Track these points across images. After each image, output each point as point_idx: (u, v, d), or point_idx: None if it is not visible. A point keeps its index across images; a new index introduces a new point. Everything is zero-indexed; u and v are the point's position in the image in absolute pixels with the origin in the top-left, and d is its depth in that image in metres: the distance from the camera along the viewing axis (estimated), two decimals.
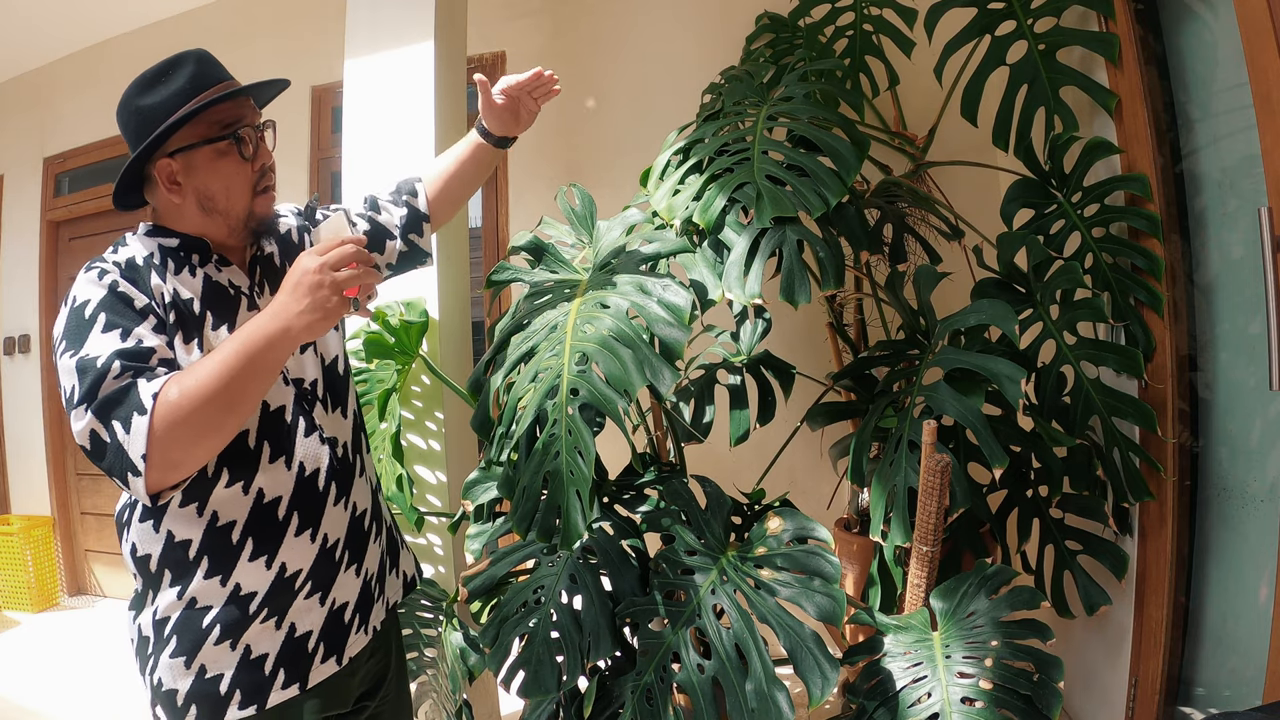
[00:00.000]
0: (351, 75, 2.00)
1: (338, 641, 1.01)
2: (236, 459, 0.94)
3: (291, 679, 0.96)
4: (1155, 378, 1.43)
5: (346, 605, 1.03)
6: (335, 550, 1.02)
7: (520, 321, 1.25)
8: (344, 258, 0.84)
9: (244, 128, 0.97)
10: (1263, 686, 1.15)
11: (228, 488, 0.94)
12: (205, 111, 0.95)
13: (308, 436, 1.01)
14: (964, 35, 1.68)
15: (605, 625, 1.18)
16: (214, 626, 0.93)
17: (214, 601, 0.94)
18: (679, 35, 2.56)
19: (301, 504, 0.99)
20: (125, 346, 0.83)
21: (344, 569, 1.03)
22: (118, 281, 0.89)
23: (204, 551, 0.93)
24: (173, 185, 0.96)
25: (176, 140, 0.95)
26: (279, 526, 0.97)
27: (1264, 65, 1.09)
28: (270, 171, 1.02)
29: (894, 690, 1.07)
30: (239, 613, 0.94)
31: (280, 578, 0.96)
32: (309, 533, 0.99)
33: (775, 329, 1.75)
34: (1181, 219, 1.48)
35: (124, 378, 0.81)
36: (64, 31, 3.34)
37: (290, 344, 0.83)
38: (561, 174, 2.68)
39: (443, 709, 1.55)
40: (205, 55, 0.99)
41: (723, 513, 1.25)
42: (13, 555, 3.41)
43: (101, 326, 0.84)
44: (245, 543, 0.95)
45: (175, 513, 0.93)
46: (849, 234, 1.35)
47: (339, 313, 0.84)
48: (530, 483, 1.11)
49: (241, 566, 0.94)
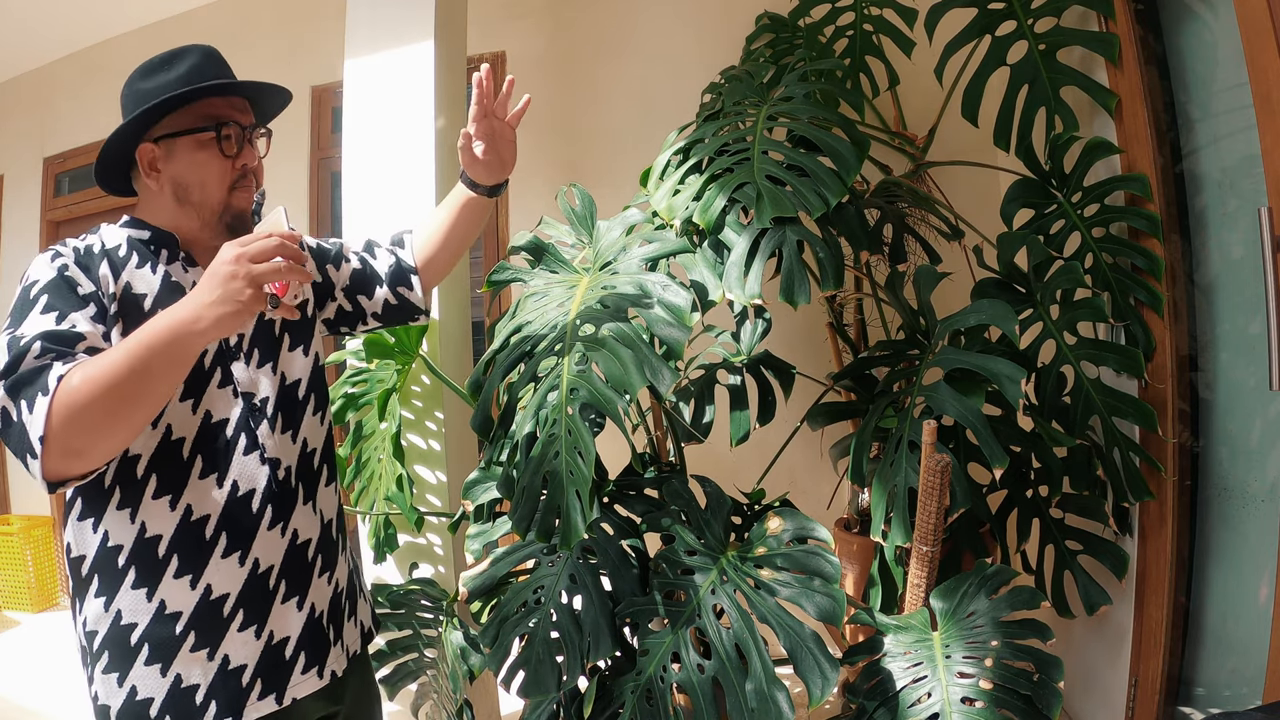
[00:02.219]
0: (351, 75, 2.00)
1: (277, 679, 0.96)
2: (166, 468, 0.91)
3: (224, 712, 0.92)
4: (1155, 378, 1.43)
5: (287, 640, 0.98)
6: (268, 578, 0.97)
7: (520, 321, 1.25)
8: (265, 250, 0.78)
9: (230, 125, 0.96)
10: (1263, 686, 1.15)
11: (155, 499, 0.91)
12: (195, 103, 0.94)
13: (246, 455, 0.96)
14: (964, 35, 1.68)
15: (605, 625, 1.18)
16: (142, 645, 0.90)
17: (139, 619, 0.90)
18: (679, 35, 2.56)
19: (231, 525, 0.94)
20: (53, 329, 0.82)
21: (280, 599, 0.98)
22: (67, 265, 0.88)
23: (132, 561, 0.90)
24: (152, 170, 0.95)
25: (163, 126, 0.95)
26: (206, 546, 0.93)
27: (1264, 65, 1.09)
28: (251, 175, 1.00)
29: (894, 690, 1.07)
30: (166, 633, 0.90)
31: (206, 599, 0.92)
32: (237, 555, 0.94)
33: (775, 329, 1.75)
34: (1181, 219, 1.48)
35: (43, 359, 0.79)
36: (64, 31, 3.34)
37: (198, 336, 0.77)
38: (561, 174, 2.68)
39: (443, 709, 1.55)
40: (212, 51, 0.99)
41: (723, 513, 1.25)
42: (13, 555, 3.41)
43: (41, 308, 0.84)
44: (170, 558, 0.91)
45: (113, 514, 0.90)
46: (849, 234, 1.35)
47: (253, 307, 0.78)
48: (530, 483, 1.11)
49: (166, 582, 0.91)
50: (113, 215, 1.01)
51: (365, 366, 1.84)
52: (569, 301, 1.23)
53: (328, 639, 1.03)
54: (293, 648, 0.98)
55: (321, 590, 1.03)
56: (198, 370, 0.95)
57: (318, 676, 1.01)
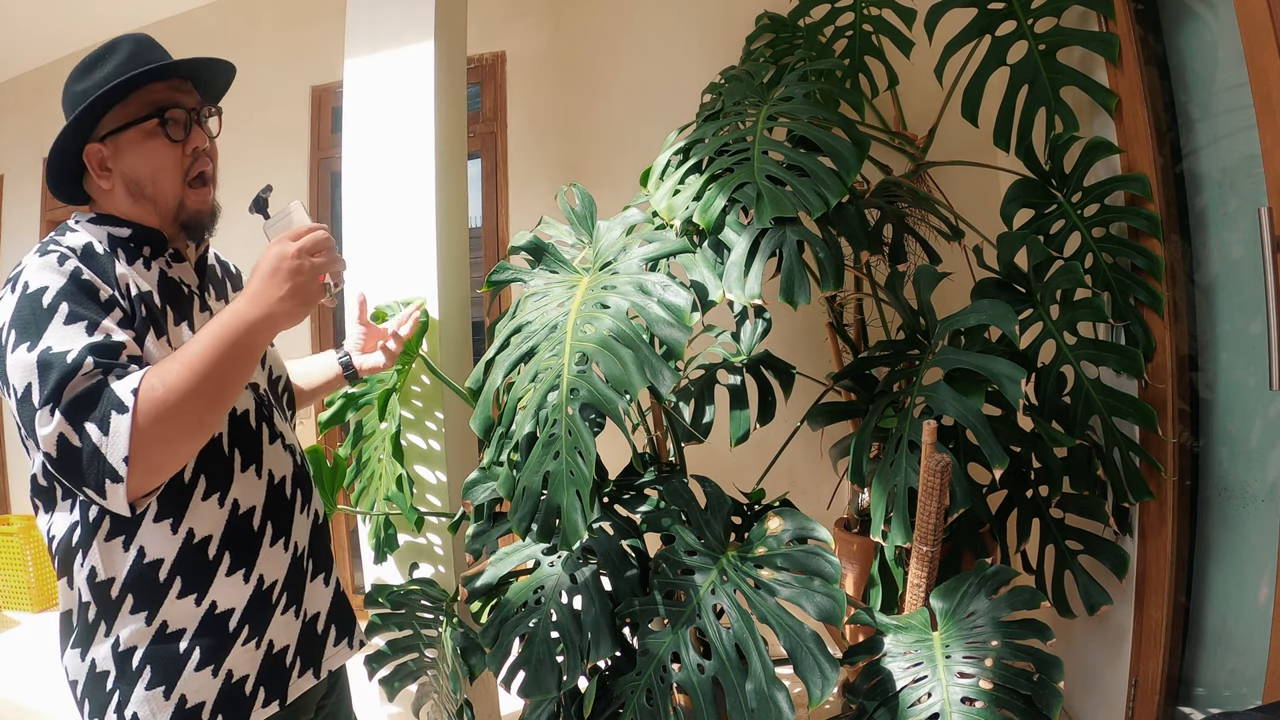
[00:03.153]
0: (351, 75, 2.00)
1: (314, 654, 1.00)
2: (212, 466, 0.90)
3: (271, 697, 0.94)
4: (1155, 378, 1.43)
5: (319, 615, 1.02)
6: (304, 559, 1.00)
7: (520, 321, 1.25)
8: (318, 243, 0.83)
9: (173, 109, 0.92)
10: (1263, 686, 1.15)
11: (204, 500, 0.89)
12: (135, 93, 0.90)
13: (272, 443, 0.98)
14: (964, 35, 1.68)
15: (605, 625, 1.18)
16: (192, 651, 0.88)
17: (188, 624, 0.88)
18: (679, 35, 2.56)
19: (273, 513, 0.96)
20: (95, 340, 0.77)
21: (309, 577, 1.02)
22: (80, 269, 0.82)
23: (177, 571, 0.87)
24: (102, 171, 0.91)
25: (106, 123, 0.90)
26: (255, 537, 0.93)
27: (1264, 65, 1.09)
28: (204, 157, 0.95)
29: (894, 690, 1.07)
30: (218, 634, 0.90)
31: (259, 591, 0.93)
32: (282, 542, 0.96)
33: (775, 329, 1.75)
34: (1181, 219, 1.48)
35: (94, 375, 0.74)
36: (64, 31, 3.34)
37: (272, 331, 0.81)
38: (561, 174, 2.68)
39: (443, 709, 1.55)
40: (143, 38, 0.95)
41: (723, 513, 1.25)
42: (13, 555, 3.41)
43: (64, 318, 0.77)
44: (221, 558, 0.90)
45: (150, 527, 0.86)
46: (849, 234, 1.34)
47: (318, 298, 0.83)
48: (530, 483, 1.11)
49: (219, 583, 0.90)
50: None
51: None
52: (569, 301, 1.23)
53: (350, 610, 1.09)
54: (324, 622, 1.03)
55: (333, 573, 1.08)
56: None
57: (348, 646, 1.08)
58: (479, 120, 2.78)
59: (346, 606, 1.08)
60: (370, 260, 1.96)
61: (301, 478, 1.03)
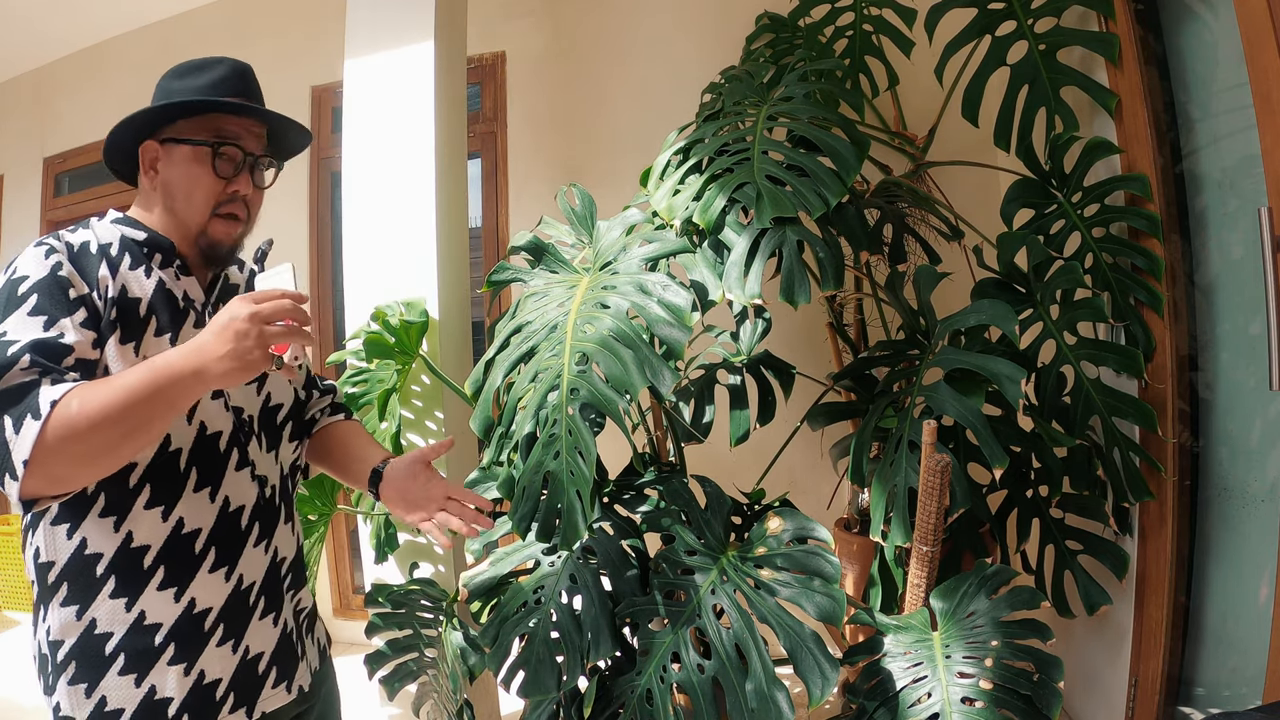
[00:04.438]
0: (351, 75, 2.00)
1: (249, 692, 0.96)
2: (162, 479, 0.90)
3: None
4: (1155, 378, 1.43)
5: (261, 655, 0.98)
6: (250, 593, 0.97)
7: (520, 321, 1.25)
8: (279, 311, 0.79)
9: (231, 146, 0.95)
10: (1263, 686, 1.15)
11: (147, 509, 0.89)
12: (208, 115, 0.94)
13: (239, 470, 0.96)
14: (964, 35, 1.68)
15: (605, 625, 1.18)
16: (118, 655, 0.88)
17: (116, 628, 0.88)
18: (679, 35, 2.56)
19: (220, 540, 0.94)
20: (43, 337, 0.79)
21: (259, 615, 0.98)
22: (61, 264, 0.85)
23: (112, 570, 0.88)
24: (150, 169, 0.95)
25: (172, 130, 0.94)
26: (194, 559, 0.91)
27: (1264, 65, 1.09)
28: (240, 202, 0.97)
29: (894, 690, 1.07)
30: (145, 645, 0.88)
31: (189, 613, 0.91)
32: (224, 570, 0.94)
33: (775, 329, 1.75)
34: (1181, 219, 1.48)
35: (30, 372, 0.77)
36: (64, 31, 3.34)
37: (201, 387, 0.78)
38: (561, 174, 2.68)
39: (443, 709, 1.55)
40: (245, 69, 0.98)
41: (723, 513, 1.25)
42: (13, 555, 3.40)
43: (29, 309, 0.81)
44: (156, 570, 0.89)
45: (94, 520, 0.87)
46: (849, 234, 1.35)
47: (260, 367, 0.78)
48: (530, 483, 1.11)
49: (149, 593, 0.89)
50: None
51: (365, 366, 1.84)
52: (569, 301, 1.23)
53: (297, 654, 1.03)
54: (266, 662, 0.98)
55: (290, 608, 1.04)
56: None
57: (286, 691, 1.01)
58: (479, 120, 2.78)
59: (293, 649, 1.03)
60: (370, 260, 1.97)
61: (266, 511, 0.99)
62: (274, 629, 1.00)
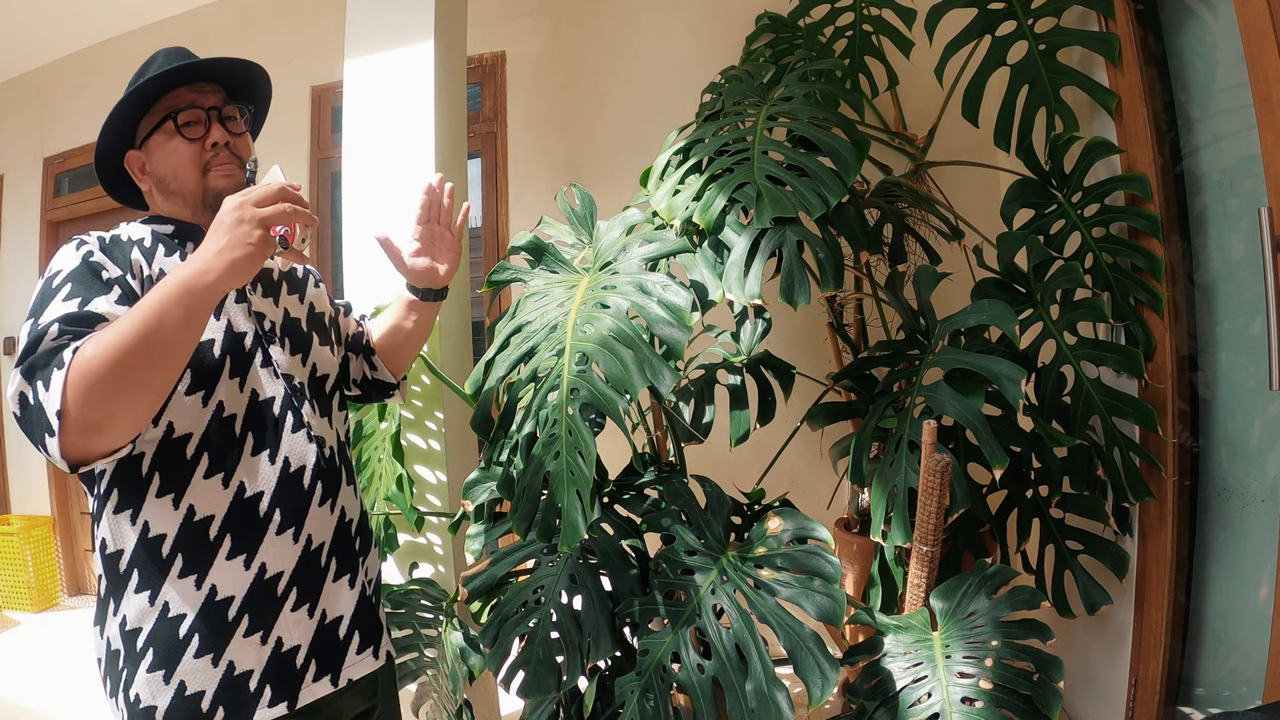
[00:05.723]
0: (351, 75, 1.99)
1: (332, 658, 0.95)
2: (216, 446, 0.89)
3: (279, 697, 0.90)
4: (1155, 378, 1.43)
5: (340, 620, 0.97)
6: (320, 554, 0.96)
7: (520, 321, 1.25)
8: (268, 195, 0.78)
9: (186, 109, 0.96)
10: (1263, 686, 1.15)
11: (206, 478, 0.89)
12: (160, 101, 0.97)
13: (295, 432, 0.96)
14: (964, 36, 1.68)
15: (605, 625, 1.18)
16: (191, 637, 0.87)
17: (188, 609, 0.87)
18: (679, 35, 2.56)
19: (284, 501, 0.93)
20: (72, 312, 0.80)
21: (331, 578, 0.97)
22: (92, 252, 0.87)
23: (178, 548, 0.87)
24: (142, 175, 1.00)
25: (140, 131, 0.98)
26: (260, 523, 0.91)
27: (1264, 65, 1.09)
28: (225, 151, 0.97)
29: (894, 690, 1.07)
30: (218, 621, 0.88)
31: (260, 580, 0.90)
32: (291, 532, 0.93)
33: (775, 329, 1.75)
34: (1181, 219, 1.48)
35: (61, 340, 0.77)
36: (63, 31, 3.34)
37: (209, 288, 0.76)
38: (561, 174, 2.68)
39: (443, 709, 1.55)
40: (174, 50, 1.00)
41: (723, 513, 1.25)
42: (13, 555, 3.41)
43: (64, 295, 0.82)
44: (223, 540, 0.89)
45: (153, 502, 0.87)
46: (849, 234, 1.34)
47: (264, 249, 0.77)
48: (530, 483, 1.10)
49: (218, 566, 0.88)
50: (112, 214, 1.03)
51: None
52: (569, 301, 1.23)
53: (379, 618, 1.03)
54: (346, 626, 0.98)
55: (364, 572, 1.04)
56: (239, 351, 0.94)
57: (373, 657, 1.00)
58: (479, 120, 2.78)
59: (374, 613, 1.03)
60: (370, 260, 1.96)
61: (327, 472, 0.99)
62: (351, 591, 0.99)
